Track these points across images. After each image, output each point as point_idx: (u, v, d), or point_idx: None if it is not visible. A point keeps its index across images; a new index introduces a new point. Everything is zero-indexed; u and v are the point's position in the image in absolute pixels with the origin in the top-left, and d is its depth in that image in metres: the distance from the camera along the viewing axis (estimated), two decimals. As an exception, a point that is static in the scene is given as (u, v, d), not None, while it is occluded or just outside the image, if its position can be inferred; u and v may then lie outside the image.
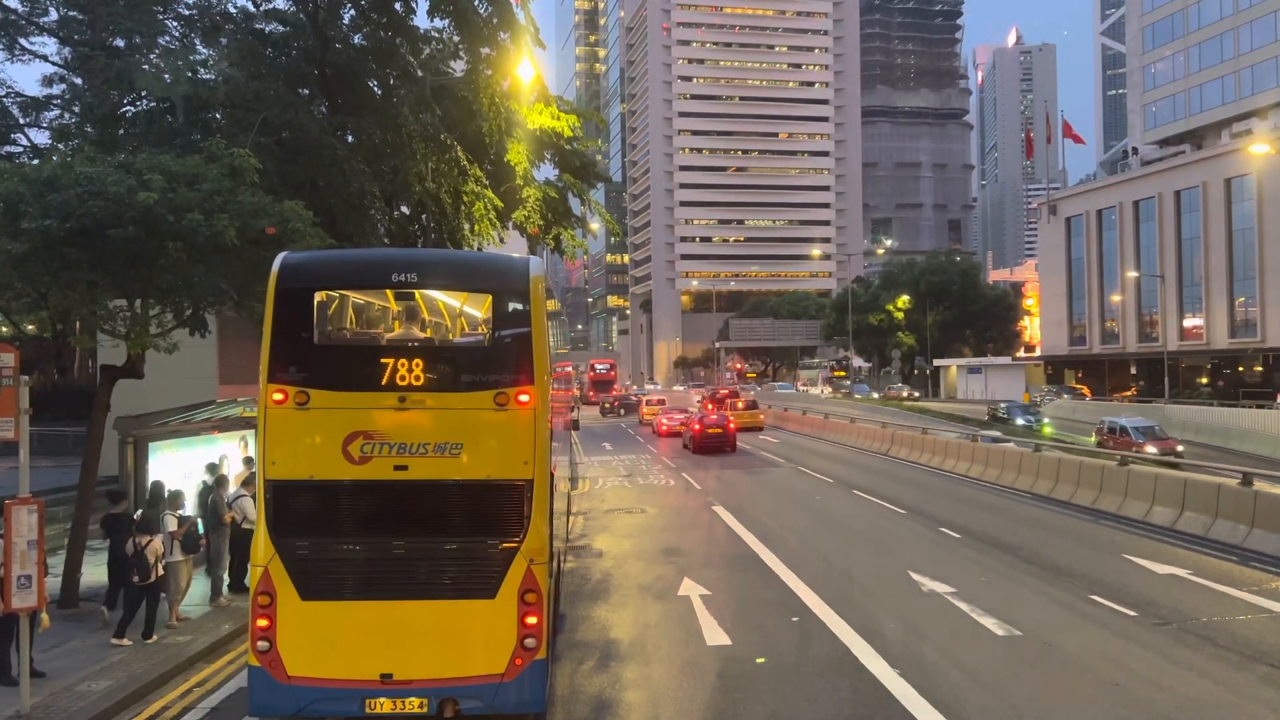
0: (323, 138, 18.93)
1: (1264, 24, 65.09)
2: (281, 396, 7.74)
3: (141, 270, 11.88)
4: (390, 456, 7.73)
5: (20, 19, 28.82)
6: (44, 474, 23.19)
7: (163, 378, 17.04)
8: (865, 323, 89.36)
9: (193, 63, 19.54)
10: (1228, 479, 18.12)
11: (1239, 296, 60.97)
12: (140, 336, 12.37)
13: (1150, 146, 76.47)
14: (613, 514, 22.45)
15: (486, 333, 8.45)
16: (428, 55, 22.89)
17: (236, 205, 12.00)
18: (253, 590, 7.78)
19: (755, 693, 9.57)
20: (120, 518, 12.11)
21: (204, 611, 12.92)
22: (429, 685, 7.66)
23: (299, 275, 8.12)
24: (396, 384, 7.80)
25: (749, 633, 11.75)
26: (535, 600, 7.79)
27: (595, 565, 16.36)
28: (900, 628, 11.79)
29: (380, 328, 9.30)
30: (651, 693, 9.72)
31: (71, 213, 10.92)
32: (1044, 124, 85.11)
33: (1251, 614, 12.17)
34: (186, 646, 11.26)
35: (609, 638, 11.75)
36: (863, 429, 39.89)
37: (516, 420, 7.87)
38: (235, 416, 16.30)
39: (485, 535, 7.87)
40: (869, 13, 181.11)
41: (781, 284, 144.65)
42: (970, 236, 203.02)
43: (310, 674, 7.64)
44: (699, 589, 14.09)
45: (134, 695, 9.70)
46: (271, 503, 7.78)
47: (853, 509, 22.20)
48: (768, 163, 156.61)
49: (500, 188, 23.47)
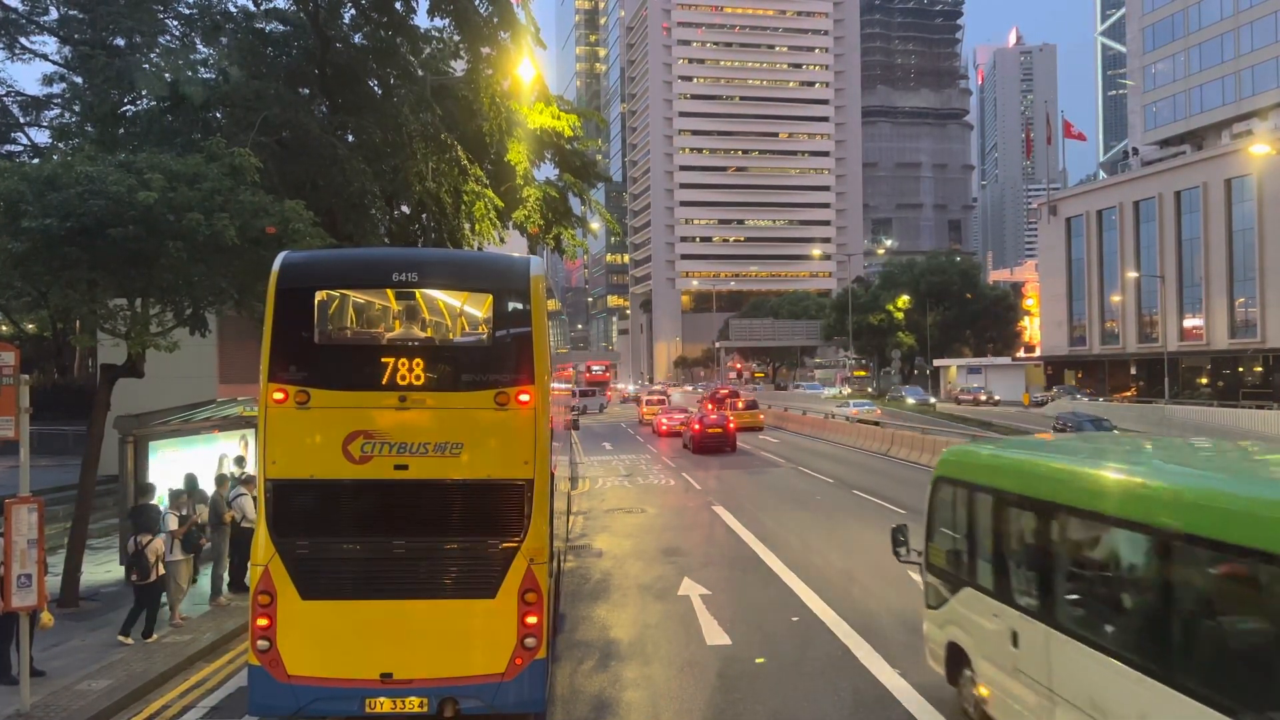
0: (323, 137, 18.92)
1: (1264, 24, 65.09)
2: (282, 396, 7.74)
3: (142, 269, 11.88)
4: (390, 456, 7.73)
5: (20, 18, 28.81)
6: (44, 473, 23.19)
7: (163, 377, 17.04)
8: (865, 323, 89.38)
9: (193, 62, 19.54)
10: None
11: (1239, 297, 60.96)
12: (140, 335, 12.37)
13: (1151, 147, 76.47)
14: (613, 514, 22.46)
15: (487, 332, 8.45)
16: (428, 55, 22.89)
17: (237, 205, 12.01)
18: (253, 589, 7.78)
19: (755, 692, 9.58)
20: (147, 508, 12.13)
21: (204, 610, 12.92)
22: (429, 685, 7.66)
23: (300, 274, 8.12)
24: (397, 383, 7.80)
25: (749, 632, 11.76)
26: (535, 600, 7.79)
27: (595, 565, 16.37)
28: (900, 627, 11.79)
29: (381, 327, 9.30)
30: (651, 692, 9.72)
31: (72, 212, 10.93)
32: (1044, 124, 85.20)
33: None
34: (187, 646, 11.26)
35: (609, 637, 11.76)
36: (862, 429, 39.87)
37: (517, 420, 7.87)
38: (235, 415, 16.30)
39: (485, 535, 7.87)
40: (869, 13, 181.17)
41: (781, 284, 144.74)
42: (970, 237, 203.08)
43: (310, 673, 7.64)
44: (699, 589, 14.10)
45: (134, 694, 9.70)
46: (272, 502, 7.78)
47: (853, 509, 22.20)
48: (768, 163, 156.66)
49: (501, 187, 23.47)
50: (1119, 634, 6.16)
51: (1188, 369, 64.66)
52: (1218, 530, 5.24)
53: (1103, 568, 6.57)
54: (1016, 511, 7.54)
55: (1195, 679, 5.34)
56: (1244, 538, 5.03)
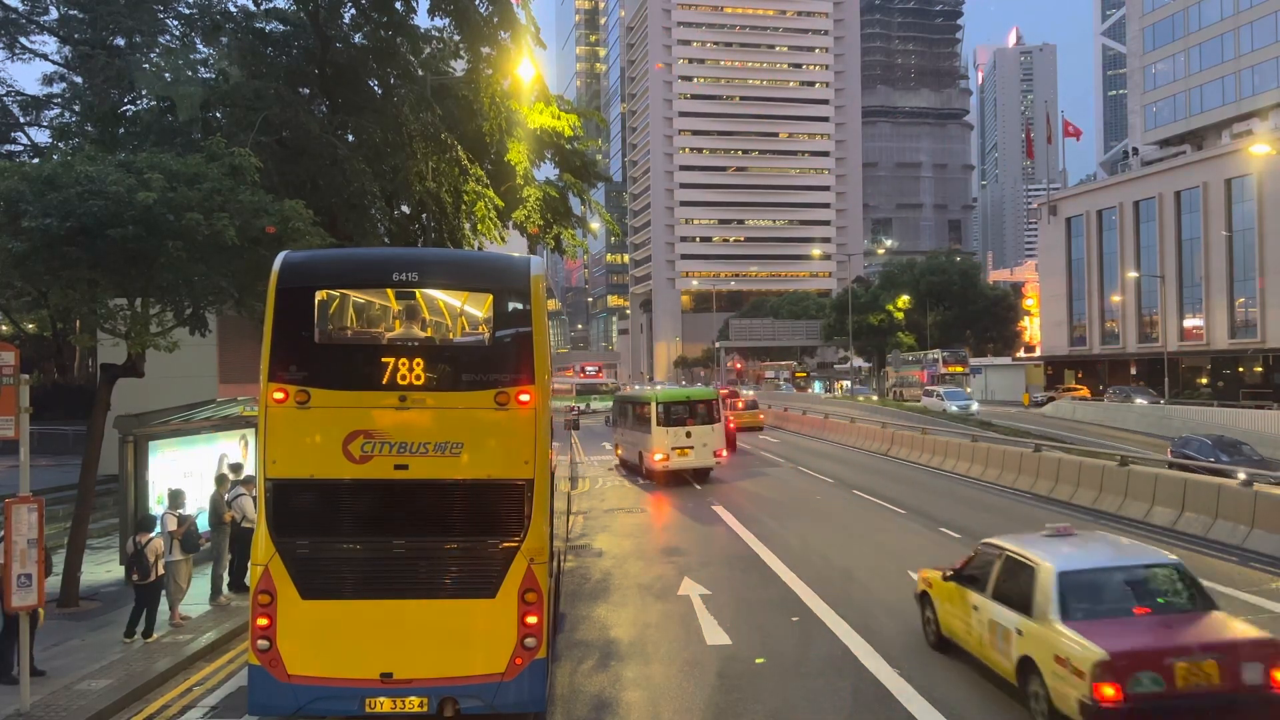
0: (323, 137, 18.92)
1: (1264, 24, 65.09)
2: (282, 395, 7.74)
3: (142, 269, 11.88)
4: (390, 456, 7.73)
5: (21, 17, 28.81)
6: (44, 473, 23.21)
7: (164, 377, 17.06)
8: (865, 323, 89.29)
9: (193, 61, 19.55)
10: (1228, 479, 18.12)
11: (1239, 297, 60.96)
12: (140, 335, 12.36)
13: (1151, 147, 76.47)
14: (613, 513, 22.45)
15: (487, 332, 8.45)
16: (428, 55, 22.89)
17: (236, 204, 12.01)
18: (253, 589, 7.78)
19: (755, 692, 9.57)
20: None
21: (204, 610, 12.92)
22: (429, 684, 7.66)
23: (300, 274, 8.12)
24: (397, 383, 7.80)
25: (749, 632, 11.75)
26: (535, 600, 7.79)
27: (595, 564, 16.37)
28: (900, 627, 11.78)
29: (381, 327, 9.30)
30: (651, 692, 9.71)
31: (72, 211, 10.92)
32: (1044, 124, 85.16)
33: (1254, 615, 12.15)
34: (187, 645, 11.26)
35: (609, 637, 11.75)
36: (862, 429, 39.86)
37: (517, 420, 7.87)
38: (235, 415, 16.31)
39: (485, 535, 7.87)
40: (869, 13, 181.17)
41: (781, 284, 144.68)
42: (970, 237, 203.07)
43: (310, 673, 7.64)
44: (699, 588, 14.10)
45: (134, 693, 9.70)
46: (272, 502, 7.78)
47: (853, 509, 22.19)
48: (768, 163, 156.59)
49: (501, 187, 23.47)
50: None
51: (1188, 369, 64.66)
52: None
53: None
54: None
55: None
56: None
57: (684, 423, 27.21)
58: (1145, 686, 7.47)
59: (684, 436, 27.02)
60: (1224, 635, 8.05)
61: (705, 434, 27.16)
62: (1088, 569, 8.86)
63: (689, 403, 27.82)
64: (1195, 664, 7.57)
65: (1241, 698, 7.62)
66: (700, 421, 27.24)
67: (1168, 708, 7.57)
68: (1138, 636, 7.99)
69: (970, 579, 9.98)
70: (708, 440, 27.17)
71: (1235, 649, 7.79)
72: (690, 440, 26.97)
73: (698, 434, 27.04)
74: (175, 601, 12.18)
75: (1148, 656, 7.61)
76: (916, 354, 78.46)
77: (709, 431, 27.24)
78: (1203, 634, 8.04)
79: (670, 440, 26.97)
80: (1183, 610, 8.52)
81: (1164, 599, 8.73)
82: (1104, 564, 9.18)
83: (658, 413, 27.01)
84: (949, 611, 10.36)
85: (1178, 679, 7.51)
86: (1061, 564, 8.68)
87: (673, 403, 27.77)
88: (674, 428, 27.11)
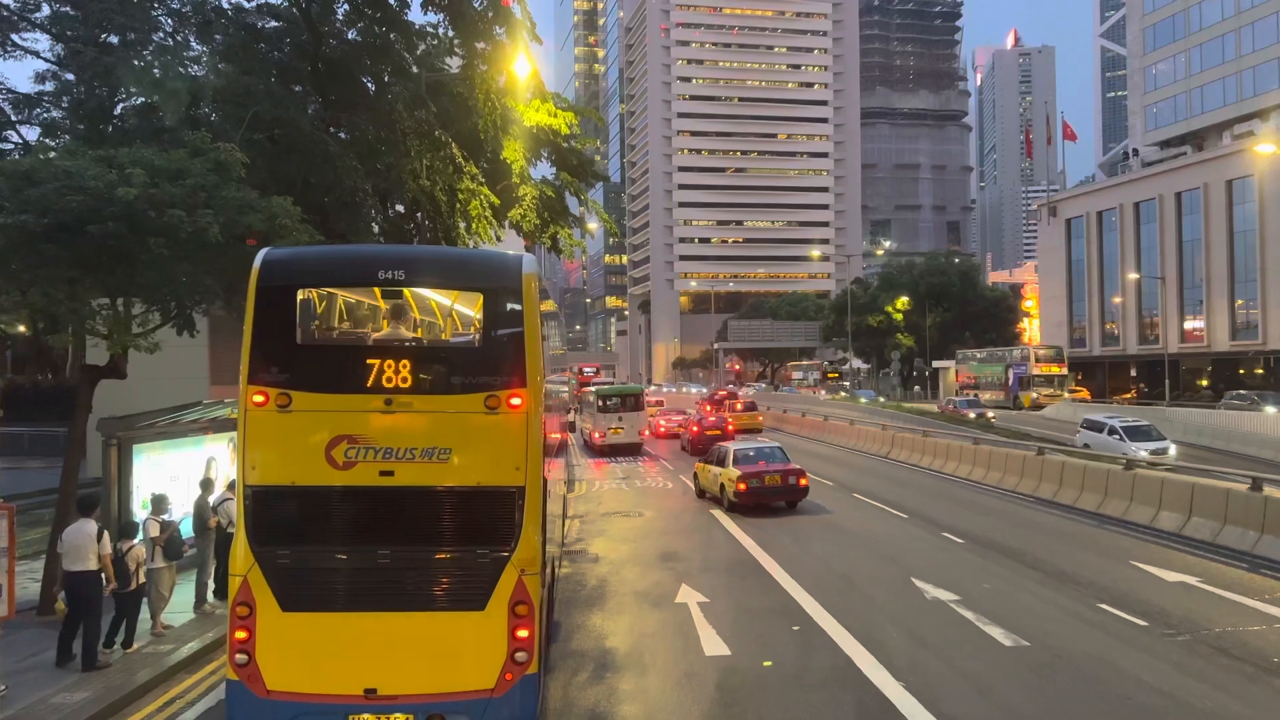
0: (315, 134, 18.59)
1: (1265, 25, 64.87)
2: (262, 398, 7.41)
3: (124, 268, 11.52)
4: (376, 462, 7.39)
5: (13, 14, 28.44)
6: (33, 475, 22.82)
7: (153, 378, 16.73)
8: (864, 324, 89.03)
9: (185, 58, 19.20)
10: (1237, 484, 17.79)
11: (1240, 298, 60.75)
12: (121, 336, 12.01)
13: (1151, 148, 76.28)
14: (609, 517, 22.12)
15: (477, 333, 8.10)
16: (423, 51, 22.55)
17: (221, 201, 11.64)
18: (231, 601, 7.44)
19: (755, 705, 9.24)
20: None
21: (188, 619, 12.57)
22: (415, 701, 7.33)
23: (281, 272, 7.77)
24: (383, 386, 7.46)
25: (748, 642, 11.41)
26: (526, 612, 7.46)
27: (591, 570, 16.04)
28: (903, 637, 11.47)
29: (369, 327, 8.95)
30: (648, 706, 9.38)
31: (49, 207, 10.55)
32: (1043, 125, 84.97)
33: (1265, 624, 11.84)
34: (168, 656, 10.92)
35: (605, 647, 11.42)
36: (862, 431, 39.57)
37: (508, 424, 7.54)
38: (224, 417, 15.94)
39: (474, 544, 7.52)
40: (868, 14, 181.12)
41: (780, 285, 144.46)
42: (969, 238, 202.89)
43: (290, 689, 7.30)
44: (697, 596, 13.77)
45: (111, 707, 9.36)
46: (251, 510, 7.44)
47: (853, 513, 21.86)
48: (767, 164, 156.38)
49: (496, 185, 23.15)
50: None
51: (1188, 371, 64.41)
52: None
53: None
54: None
55: None
56: None
57: (617, 411, 38.03)
58: (755, 484, 21.52)
59: (617, 420, 37.85)
60: (784, 467, 22.04)
61: (633, 419, 38.29)
62: (751, 450, 23.11)
63: (621, 396, 39.33)
64: (772, 476, 21.76)
65: (786, 488, 21.83)
66: (630, 410, 38.23)
67: (763, 491, 21.59)
68: (754, 468, 21.87)
69: (710, 461, 23.92)
70: (634, 424, 38.31)
71: (788, 472, 21.89)
72: (622, 423, 37.79)
73: (627, 419, 38.03)
74: (157, 610, 11.83)
75: (755, 474, 21.64)
76: (997, 350, 61.55)
77: (636, 417, 38.50)
78: (776, 468, 21.96)
79: (606, 423, 37.63)
80: (776, 460, 22.44)
81: (769, 458, 22.56)
82: (757, 446, 23.77)
83: (599, 403, 38.22)
84: (702, 477, 24.29)
85: (766, 481, 21.68)
86: (738, 448, 23.24)
87: (609, 396, 39.00)
88: (609, 414, 37.85)
